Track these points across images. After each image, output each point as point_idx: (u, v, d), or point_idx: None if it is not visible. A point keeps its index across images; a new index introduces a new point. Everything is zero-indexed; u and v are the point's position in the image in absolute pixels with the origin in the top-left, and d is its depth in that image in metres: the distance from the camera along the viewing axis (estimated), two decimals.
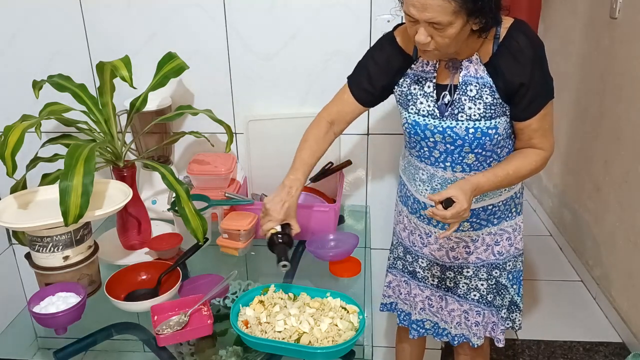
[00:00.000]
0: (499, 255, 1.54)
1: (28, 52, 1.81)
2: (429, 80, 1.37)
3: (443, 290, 1.60)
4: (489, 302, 1.57)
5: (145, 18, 1.75)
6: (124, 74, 1.48)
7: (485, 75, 1.31)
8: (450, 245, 1.54)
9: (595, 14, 2.81)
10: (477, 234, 1.51)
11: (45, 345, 1.33)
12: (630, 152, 2.40)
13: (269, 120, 1.81)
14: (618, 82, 2.52)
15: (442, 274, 1.59)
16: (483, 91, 1.31)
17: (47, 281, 1.34)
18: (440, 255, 1.56)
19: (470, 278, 1.56)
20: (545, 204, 3.54)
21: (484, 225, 1.50)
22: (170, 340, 1.21)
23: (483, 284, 1.56)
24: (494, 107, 1.31)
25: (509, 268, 1.56)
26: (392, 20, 1.67)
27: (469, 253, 1.54)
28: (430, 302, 1.63)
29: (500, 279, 1.56)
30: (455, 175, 1.42)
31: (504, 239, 1.53)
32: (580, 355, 2.35)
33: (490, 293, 1.57)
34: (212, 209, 1.62)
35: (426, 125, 1.38)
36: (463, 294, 1.58)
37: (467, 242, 1.52)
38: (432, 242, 1.56)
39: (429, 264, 1.59)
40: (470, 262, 1.55)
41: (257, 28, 1.74)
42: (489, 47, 1.30)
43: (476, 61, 1.31)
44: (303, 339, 1.18)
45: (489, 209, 1.48)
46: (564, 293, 2.80)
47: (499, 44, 1.29)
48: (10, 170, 1.29)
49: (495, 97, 1.31)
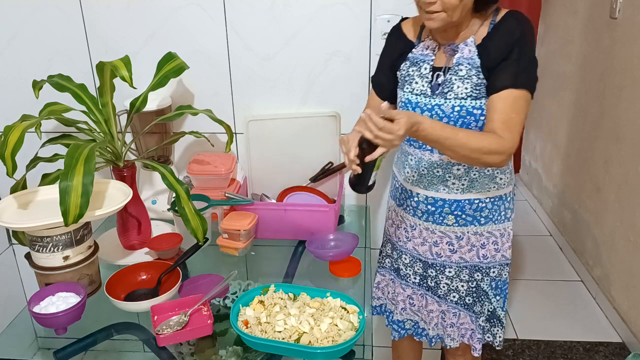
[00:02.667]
0: (483, 259, 1.54)
1: (28, 52, 1.81)
2: (427, 63, 1.42)
3: (424, 289, 1.61)
4: (467, 305, 1.57)
5: (145, 18, 1.75)
6: (124, 74, 1.48)
7: (475, 56, 1.34)
8: (433, 240, 1.54)
9: (595, 14, 2.81)
10: (462, 230, 1.51)
11: (45, 345, 1.33)
12: (630, 152, 2.40)
13: (269, 120, 1.81)
14: (618, 82, 2.52)
15: (424, 271, 1.59)
16: (472, 71, 1.34)
17: (47, 281, 1.34)
18: (424, 251, 1.56)
19: (451, 278, 1.56)
20: (545, 204, 3.54)
21: (470, 222, 1.50)
22: (170, 340, 1.21)
23: (463, 286, 1.56)
24: (479, 87, 1.34)
25: (493, 275, 1.55)
26: (392, 20, 1.68)
27: (452, 251, 1.54)
28: (411, 301, 1.64)
29: (481, 284, 1.56)
30: (441, 159, 1.44)
31: (490, 243, 1.53)
32: (580, 355, 2.35)
33: (469, 295, 1.56)
34: (212, 209, 1.62)
35: (417, 103, 1.41)
36: (443, 295, 1.58)
37: (451, 239, 1.52)
38: (416, 236, 1.57)
39: (412, 260, 1.60)
40: (453, 262, 1.54)
41: (257, 28, 1.74)
42: (484, 31, 1.35)
43: (471, 43, 1.35)
44: (303, 339, 1.18)
45: (475, 203, 1.48)
46: (564, 293, 2.80)
47: (494, 26, 1.34)
48: (10, 170, 1.29)
49: (480, 76, 1.34)
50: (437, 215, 1.51)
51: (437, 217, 1.51)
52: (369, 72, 1.77)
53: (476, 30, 1.36)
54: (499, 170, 1.47)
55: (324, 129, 1.82)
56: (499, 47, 1.31)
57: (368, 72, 1.77)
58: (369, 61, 1.76)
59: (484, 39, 1.34)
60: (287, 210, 1.64)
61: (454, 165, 1.44)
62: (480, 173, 1.45)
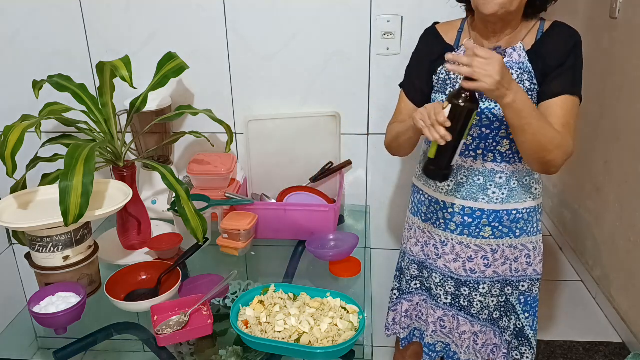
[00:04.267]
0: (515, 272, 1.49)
1: (28, 52, 1.81)
2: None
3: (456, 309, 1.55)
4: (494, 320, 1.53)
5: (145, 18, 1.75)
6: (124, 74, 1.48)
7: (526, 62, 1.33)
8: (468, 255, 1.48)
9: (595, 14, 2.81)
10: (497, 243, 1.47)
11: (45, 345, 1.33)
12: (630, 152, 2.40)
13: (269, 120, 1.81)
14: (618, 82, 2.52)
15: (456, 290, 1.53)
16: (523, 76, 1.33)
17: (47, 281, 1.34)
18: (456, 267, 1.50)
19: (484, 295, 1.51)
20: (545, 203, 3.54)
21: (506, 234, 1.46)
22: (170, 340, 1.21)
23: (494, 301, 1.51)
24: (531, 92, 1.33)
25: (522, 289, 1.51)
26: (392, 20, 1.68)
27: (487, 266, 1.48)
28: (442, 323, 1.58)
29: (510, 298, 1.51)
30: (484, 166, 1.40)
31: (523, 256, 1.49)
32: (580, 355, 2.34)
33: (497, 310, 1.52)
34: (212, 209, 1.62)
35: None
36: (476, 313, 1.52)
37: (486, 253, 1.47)
38: (447, 252, 1.50)
39: (443, 278, 1.53)
40: (487, 277, 1.49)
41: (257, 28, 1.74)
42: (532, 37, 1.35)
43: (520, 48, 1.34)
44: (303, 339, 1.18)
45: (512, 214, 1.44)
46: (563, 293, 2.80)
47: (543, 34, 1.34)
48: (10, 170, 1.29)
49: (533, 82, 1.33)
50: (473, 227, 1.45)
51: (474, 229, 1.46)
52: (369, 72, 1.77)
53: (523, 37, 1.35)
54: (534, 180, 1.44)
55: (324, 129, 1.82)
56: (555, 53, 1.31)
57: (368, 72, 1.77)
58: (369, 61, 1.76)
59: (535, 45, 1.33)
60: (287, 210, 1.64)
61: (497, 173, 1.40)
62: (519, 182, 1.42)
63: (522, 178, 1.42)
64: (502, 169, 1.40)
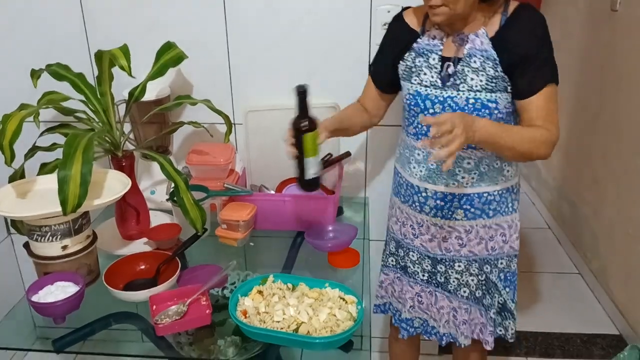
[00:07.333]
0: (492, 251, 1.53)
1: (26, 41, 1.80)
2: (435, 53, 1.39)
3: (433, 285, 1.59)
4: (477, 298, 1.56)
5: (144, 7, 1.74)
6: (122, 63, 1.47)
7: (490, 49, 1.32)
8: (442, 235, 1.52)
9: (596, 7, 2.80)
10: (470, 224, 1.50)
11: (44, 334, 1.33)
12: (629, 145, 2.40)
13: (267, 111, 1.81)
14: (618, 74, 2.52)
15: (432, 267, 1.57)
16: (486, 64, 1.32)
17: (45, 270, 1.34)
18: (432, 247, 1.54)
19: (461, 273, 1.55)
20: (544, 196, 3.55)
21: (478, 216, 1.49)
22: (168, 329, 1.21)
23: (473, 279, 1.55)
24: (495, 80, 1.32)
25: (501, 266, 1.54)
26: (392, 10, 1.67)
27: (461, 245, 1.52)
28: (420, 299, 1.62)
29: (490, 276, 1.54)
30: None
31: (498, 235, 1.52)
32: (578, 347, 2.36)
33: (479, 289, 1.55)
34: (211, 199, 1.61)
35: (427, 96, 1.39)
36: (453, 290, 1.56)
37: (460, 233, 1.51)
38: (423, 232, 1.54)
39: (420, 257, 1.58)
40: (462, 256, 1.53)
41: (257, 18, 1.73)
42: (496, 22, 1.33)
43: (482, 34, 1.33)
44: (301, 328, 1.18)
45: (484, 196, 1.47)
46: (561, 285, 2.81)
47: (507, 18, 1.32)
48: (9, 159, 1.29)
49: (497, 69, 1.32)
50: (446, 210, 1.49)
51: (447, 212, 1.49)
52: (369, 63, 1.76)
53: (486, 21, 1.34)
54: (507, 163, 1.46)
55: None
56: (522, 42, 1.30)
57: (368, 62, 1.76)
58: (369, 52, 1.75)
59: (499, 32, 1.32)
60: (286, 201, 1.64)
61: (464, 159, 1.42)
62: (489, 166, 1.43)
63: (493, 162, 1.44)
64: (468, 155, 1.42)
